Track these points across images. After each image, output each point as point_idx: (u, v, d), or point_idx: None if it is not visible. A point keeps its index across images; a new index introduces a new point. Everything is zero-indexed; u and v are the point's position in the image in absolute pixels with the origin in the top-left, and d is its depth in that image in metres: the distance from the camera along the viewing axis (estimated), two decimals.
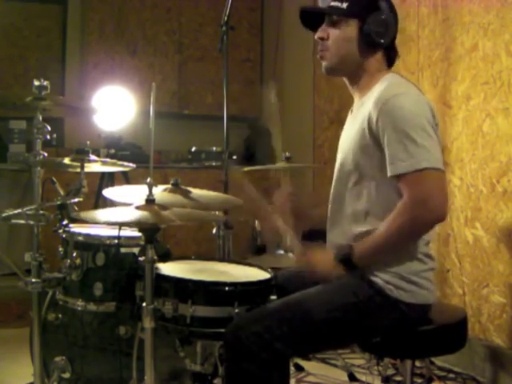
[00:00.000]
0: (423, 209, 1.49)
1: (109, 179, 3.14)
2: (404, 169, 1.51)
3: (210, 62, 4.60)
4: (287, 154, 2.97)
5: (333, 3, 1.66)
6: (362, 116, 1.63)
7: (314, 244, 1.71)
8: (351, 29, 1.64)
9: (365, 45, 1.64)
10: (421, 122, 1.53)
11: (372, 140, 1.58)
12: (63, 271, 1.84)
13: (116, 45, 4.47)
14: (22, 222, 1.84)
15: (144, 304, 1.51)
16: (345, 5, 1.64)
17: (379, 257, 1.59)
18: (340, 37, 1.66)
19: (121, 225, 1.83)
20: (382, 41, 1.63)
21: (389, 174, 1.54)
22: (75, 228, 1.95)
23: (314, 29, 1.72)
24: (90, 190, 1.94)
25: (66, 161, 1.91)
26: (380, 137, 1.56)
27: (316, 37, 1.70)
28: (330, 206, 1.77)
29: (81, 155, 1.90)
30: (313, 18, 1.72)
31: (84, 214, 1.60)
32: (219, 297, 1.58)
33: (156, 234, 1.53)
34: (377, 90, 1.63)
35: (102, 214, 1.61)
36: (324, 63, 1.71)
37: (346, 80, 1.76)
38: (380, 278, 1.58)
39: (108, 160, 2.24)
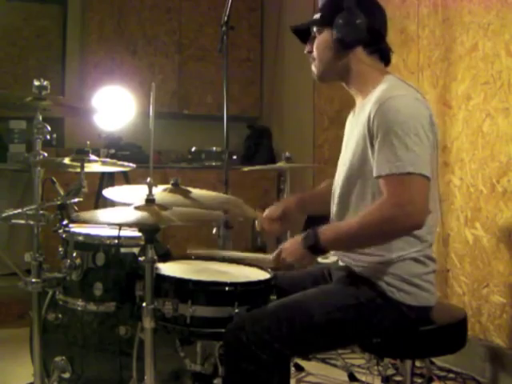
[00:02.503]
0: (399, 212, 1.46)
1: (109, 179, 3.14)
2: (388, 170, 1.49)
3: (210, 62, 4.60)
4: (287, 153, 2.98)
5: (314, 16, 1.74)
6: (363, 118, 1.63)
7: None
8: (325, 35, 1.69)
9: (339, 47, 1.67)
10: (414, 126, 1.51)
11: (370, 141, 1.58)
12: (63, 271, 1.84)
13: (116, 45, 4.47)
14: (22, 222, 1.84)
15: (144, 304, 1.51)
16: (318, 15, 1.72)
17: (346, 247, 1.61)
18: (318, 45, 1.72)
19: (121, 225, 1.83)
20: (352, 38, 1.65)
21: (374, 174, 1.54)
22: (75, 228, 1.95)
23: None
24: (89, 190, 1.94)
25: (66, 161, 1.91)
26: (374, 137, 1.56)
27: (305, 52, 1.77)
28: (333, 208, 1.77)
29: (81, 155, 1.90)
30: (305, 34, 1.78)
31: (84, 214, 1.60)
32: (219, 297, 1.58)
33: (156, 233, 1.53)
34: (377, 91, 1.62)
35: (101, 215, 1.61)
36: (314, 73, 1.77)
37: (343, 84, 1.78)
38: (382, 280, 1.58)
39: (108, 160, 2.24)
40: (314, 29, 1.73)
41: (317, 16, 1.72)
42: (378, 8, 1.71)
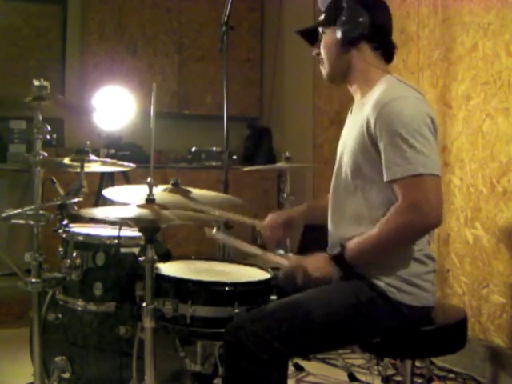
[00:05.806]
0: (417, 214, 1.48)
1: (109, 179, 3.14)
2: (400, 173, 1.50)
3: (210, 62, 4.60)
4: (287, 153, 2.98)
5: (319, 18, 1.77)
6: (361, 118, 1.63)
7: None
8: (329, 34, 1.72)
9: (343, 44, 1.69)
10: (419, 126, 1.52)
11: (370, 143, 1.58)
12: (63, 271, 1.84)
13: (116, 45, 4.47)
14: (22, 222, 1.84)
15: (144, 304, 1.51)
16: (322, 16, 1.75)
17: (371, 257, 1.59)
18: (324, 45, 1.75)
19: (121, 223, 1.83)
20: (355, 35, 1.66)
21: (385, 178, 1.54)
22: (75, 228, 1.95)
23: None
24: (89, 190, 1.95)
25: (66, 161, 1.91)
26: (377, 140, 1.56)
27: (313, 55, 1.80)
28: (329, 208, 1.77)
29: (81, 155, 1.90)
30: (312, 36, 1.80)
31: (84, 211, 1.60)
32: (219, 297, 1.58)
33: (156, 233, 1.53)
34: (376, 91, 1.63)
35: (101, 212, 1.61)
36: (323, 74, 1.78)
37: (347, 84, 1.78)
38: (382, 281, 1.58)
39: (108, 160, 2.24)
40: (320, 30, 1.75)
41: (321, 17, 1.75)
42: (381, 4, 1.72)
